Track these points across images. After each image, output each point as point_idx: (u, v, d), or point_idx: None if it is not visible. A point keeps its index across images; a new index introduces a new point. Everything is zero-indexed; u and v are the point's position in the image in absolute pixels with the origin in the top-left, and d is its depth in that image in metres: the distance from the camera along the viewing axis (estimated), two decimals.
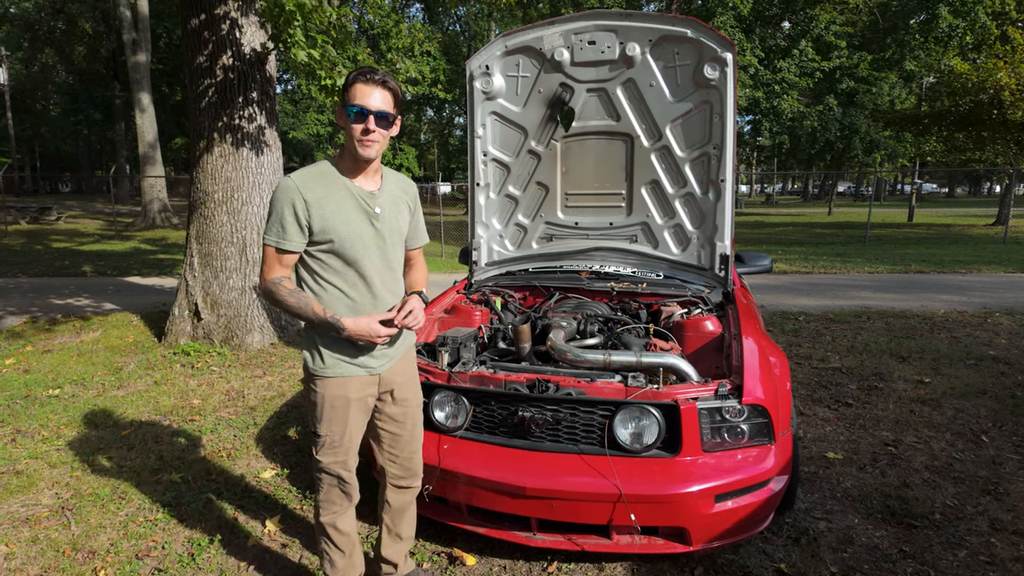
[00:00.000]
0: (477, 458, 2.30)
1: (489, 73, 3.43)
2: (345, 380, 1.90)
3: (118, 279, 9.75)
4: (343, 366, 1.89)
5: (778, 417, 2.31)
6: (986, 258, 11.98)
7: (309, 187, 1.79)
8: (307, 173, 1.82)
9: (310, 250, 1.84)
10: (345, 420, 1.93)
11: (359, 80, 1.79)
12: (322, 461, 1.95)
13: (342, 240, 1.81)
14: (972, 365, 4.79)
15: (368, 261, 1.87)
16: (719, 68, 3.07)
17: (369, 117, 1.77)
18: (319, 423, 1.92)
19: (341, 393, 1.90)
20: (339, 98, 1.87)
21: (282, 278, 1.83)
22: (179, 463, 3.26)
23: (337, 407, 1.91)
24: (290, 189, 1.78)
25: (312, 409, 1.93)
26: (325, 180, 1.82)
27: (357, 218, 1.84)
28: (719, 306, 3.19)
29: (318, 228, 1.79)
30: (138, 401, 4.17)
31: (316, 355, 1.88)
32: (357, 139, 1.79)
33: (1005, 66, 16.21)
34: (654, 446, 2.21)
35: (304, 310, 1.81)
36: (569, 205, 3.67)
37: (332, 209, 1.80)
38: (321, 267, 1.85)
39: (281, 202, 1.78)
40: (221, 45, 5.22)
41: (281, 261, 1.82)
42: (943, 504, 2.78)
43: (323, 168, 1.85)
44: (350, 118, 1.78)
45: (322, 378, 1.88)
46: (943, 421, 3.71)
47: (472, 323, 3.25)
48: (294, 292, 1.83)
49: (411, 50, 17.22)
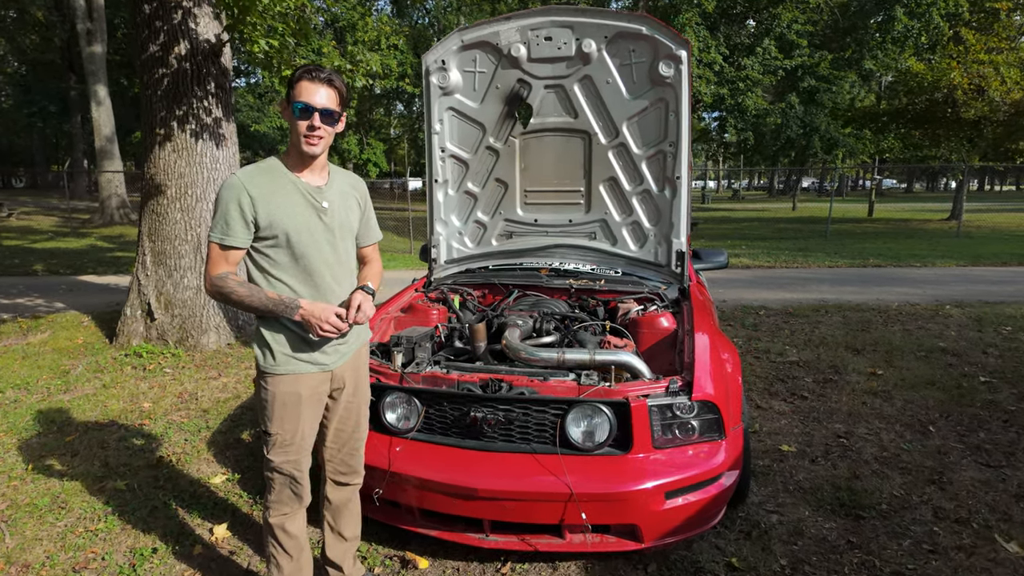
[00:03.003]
0: (428, 460, 2.27)
1: (446, 68, 3.39)
2: (297, 377, 1.87)
3: (71, 278, 9.42)
4: (295, 363, 1.87)
5: (728, 412, 2.33)
6: (940, 252, 12.37)
7: (255, 182, 1.79)
8: (253, 169, 1.83)
9: (258, 246, 1.82)
10: (297, 418, 1.89)
11: (305, 77, 1.80)
12: (274, 460, 1.90)
13: (289, 234, 1.81)
14: (923, 357, 4.93)
15: (317, 255, 1.86)
16: (674, 66, 3.08)
17: (315, 114, 1.79)
18: (270, 421, 1.88)
19: (293, 390, 1.87)
20: (284, 94, 1.85)
21: (228, 273, 1.80)
22: (125, 469, 3.15)
23: (289, 405, 1.87)
24: (235, 185, 1.77)
25: (263, 407, 1.89)
26: (271, 175, 1.83)
27: (304, 212, 1.85)
28: (675, 302, 3.21)
29: (265, 223, 1.78)
30: (85, 405, 4.02)
31: (267, 352, 1.85)
32: (303, 135, 1.80)
33: (958, 66, 16.74)
34: (605, 444, 2.21)
35: (255, 297, 1.79)
36: (528, 202, 3.65)
37: (279, 203, 1.80)
38: (270, 263, 1.83)
39: (226, 198, 1.77)
40: (174, 35, 5.05)
41: (227, 258, 1.80)
42: (890, 495, 2.85)
43: (270, 164, 1.86)
44: (295, 114, 1.79)
45: (274, 375, 1.85)
46: (893, 412, 3.80)
47: (429, 322, 3.21)
48: (243, 283, 1.81)
49: (377, 43, 16.98)
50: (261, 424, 1.92)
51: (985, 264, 10.66)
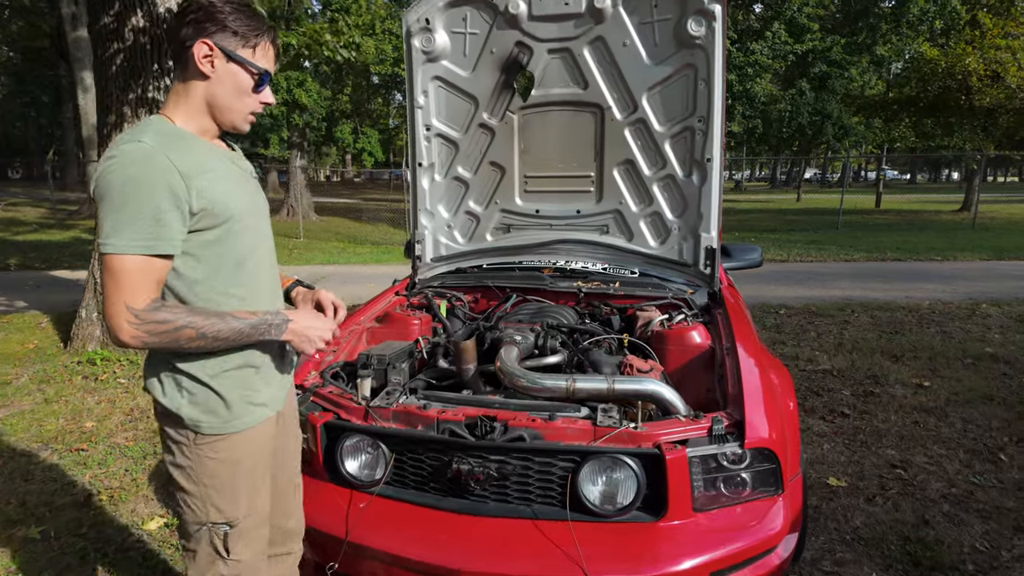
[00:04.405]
0: (397, 525, 1.74)
1: (430, 28, 2.83)
2: (255, 430, 1.37)
3: (44, 273, 8.89)
4: (255, 409, 1.37)
5: (787, 459, 1.80)
6: (959, 245, 11.82)
7: (175, 148, 1.21)
8: (160, 137, 1.21)
9: (187, 248, 1.24)
10: (265, 482, 1.42)
11: (270, 37, 1.33)
12: (243, 557, 1.38)
13: (235, 220, 1.28)
14: (971, 365, 4.40)
15: (265, 245, 1.41)
16: (705, 23, 2.52)
17: (268, 86, 1.36)
18: (234, 503, 1.34)
19: (258, 446, 1.39)
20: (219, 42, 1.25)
21: (160, 300, 1.21)
22: (45, 510, 2.63)
23: (257, 470, 1.39)
24: (153, 157, 1.16)
25: (218, 487, 1.33)
26: (186, 142, 1.26)
27: (239, 187, 1.34)
28: (705, 309, 2.68)
29: (202, 208, 1.22)
30: (19, 424, 3.49)
31: (218, 406, 1.30)
32: (252, 109, 1.35)
33: (974, 51, 16.12)
34: (631, 508, 1.68)
35: (223, 325, 1.23)
36: (529, 190, 3.09)
37: (214, 179, 1.25)
38: (201, 271, 1.26)
39: (146, 181, 1.15)
40: (130, 2, 4.49)
41: (156, 276, 1.20)
42: (971, 547, 2.33)
43: (168, 128, 1.26)
44: (257, 84, 1.32)
45: (228, 437, 1.32)
46: (952, 435, 3.28)
47: (409, 334, 2.67)
48: (193, 308, 1.24)
49: (372, 27, 16.33)
50: (211, 516, 1.34)
51: (1010, 258, 10.11)
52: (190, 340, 1.20)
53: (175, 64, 1.30)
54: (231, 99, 1.29)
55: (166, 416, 1.31)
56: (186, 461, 1.31)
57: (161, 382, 1.30)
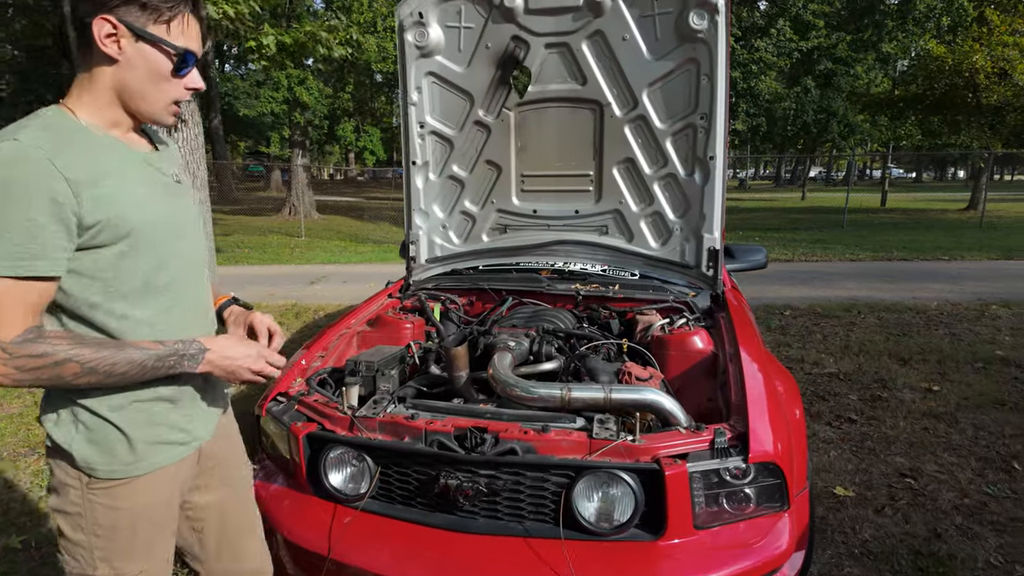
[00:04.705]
0: (383, 542, 1.65)
1: (424, 23, 2.74)
2: (164, 472, 1.19)
3: None
4: (163, 449, 1.19)
5: (792, 473, 1.71)
6: (966, 244, 11.67)
7: (65, 155, 1.01)
8: (47, 135, 1.02)
9: (79, 268, 1.06)
10: (172, 535, 1.25)
11: (188, 8, 1.11)
12: None
13: (140, 234, 1.10)
14: (981, 369, 4.30)
15: (179, 261, 1.20)
16: (708, 16, 2.43)
17: (194, 70, 1.16)
18: (129, 558, 1.16)
19: (163, 495, 1.20)
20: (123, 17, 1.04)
21: (41, 330, 1.04)
22: (27, 519, 2.55)
23: (158, 520, 1.20)
24: (33, 162, 0.97)
25: (109, 541, 1.14)
26: (83, 141, 1.06)
27: (152, 194, 1.15)
28: (707, 313, 2.59)
29: (98, 221, 1.04)
30: (7, 428, 3.42)
31: (115, 443, 1.12)
32: (175, 97, 1.15)
33: (981, 48, 15.95)
34: (629, 526, 1.59)
35: (118, 358, 1.05)
36: (526, 189, 3.00)
37: (117, 186, 1.07)
38: (102, 292, 1.08)
39: (18, 189, 0.96)
40: None
41: (33, 300, 1.02)
42: (986, 561, 2.23)
43: (64, 123, 1.06)
44: (179, 67, 1.11)
45: (131, 480, 1.15)
46: (964, 442, 3.18)
47: (401, 339, 2.58)
48: (81, 339, 1.06)
49: (374, 25, 16.25)
50: (95, 568, 1.15)
51: (1019, 258, 9.96)
52: (76, 376, 1.02)
53: (78, 47, 1.09)
54: (146, 86, 1.10)
55: (56, 452, 1.13)
56: (74, 508, 1.13)
57: (57, 413, 1.12)
